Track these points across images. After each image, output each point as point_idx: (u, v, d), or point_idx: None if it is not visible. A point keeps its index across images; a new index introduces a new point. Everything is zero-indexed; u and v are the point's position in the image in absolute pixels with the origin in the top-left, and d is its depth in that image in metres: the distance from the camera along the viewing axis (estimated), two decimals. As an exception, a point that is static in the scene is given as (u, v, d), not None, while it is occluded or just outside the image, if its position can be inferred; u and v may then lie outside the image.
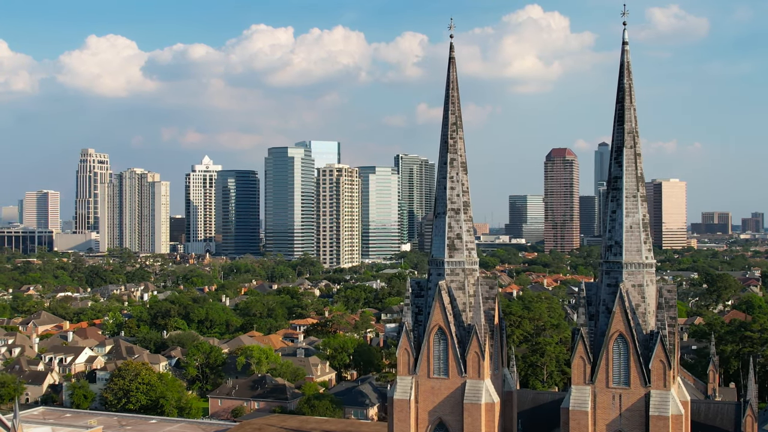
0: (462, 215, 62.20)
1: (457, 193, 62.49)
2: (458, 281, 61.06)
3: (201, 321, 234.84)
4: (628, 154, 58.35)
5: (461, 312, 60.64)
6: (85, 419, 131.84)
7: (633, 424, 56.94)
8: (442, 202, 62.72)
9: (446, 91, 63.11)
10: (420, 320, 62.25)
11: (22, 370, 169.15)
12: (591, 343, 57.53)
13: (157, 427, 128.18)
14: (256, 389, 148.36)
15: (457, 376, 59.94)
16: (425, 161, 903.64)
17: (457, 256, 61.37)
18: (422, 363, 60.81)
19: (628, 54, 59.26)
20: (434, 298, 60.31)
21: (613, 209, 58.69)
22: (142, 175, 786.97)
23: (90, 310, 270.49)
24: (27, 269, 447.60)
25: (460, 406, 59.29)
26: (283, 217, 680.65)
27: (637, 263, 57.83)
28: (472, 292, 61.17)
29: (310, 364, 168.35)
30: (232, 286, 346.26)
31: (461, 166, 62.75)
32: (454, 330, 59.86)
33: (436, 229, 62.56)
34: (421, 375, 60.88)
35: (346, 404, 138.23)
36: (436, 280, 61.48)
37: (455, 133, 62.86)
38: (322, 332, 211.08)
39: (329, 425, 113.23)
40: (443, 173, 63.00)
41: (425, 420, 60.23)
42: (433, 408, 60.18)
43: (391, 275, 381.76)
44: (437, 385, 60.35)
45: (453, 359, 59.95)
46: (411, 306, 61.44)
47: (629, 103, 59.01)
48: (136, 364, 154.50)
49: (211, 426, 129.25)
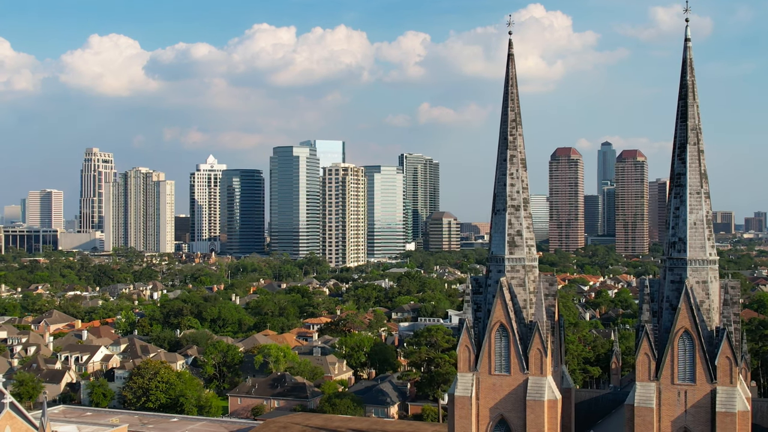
0: (522, 212, 62.25)
1: (517, 189, 62.55)
2: (519, 278, 61.17)
3: (214, 320, 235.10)
4: (691, 150, 58.38)
5: (522, 309, 60.74)
6: (106, 417, 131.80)
7: (698, 420, 56.87)
8: (501, 198, 62.68)
9: (505, 88, 63.13)
10: (479, 317, 62.34)
11: (39, 368, 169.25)
12: (655, 340, 57.58)
13: (178, 426, 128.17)
14: (275, 388, 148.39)
15: (519, 372, 60.07)
16: (429, 160, 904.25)
17: (517, 253, 61.44)
18: (483, 360, 60.89)
19: (690, 50, 59.21)
20: (495, 295, 60.40)
21: (676, 206, 58.67)
22: (147, 175, 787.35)
23: (101, 309, 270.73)
24: (34, 268, 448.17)
25: (522, 402, 59.44)
26: (288, 216, 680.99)
27: (701, 260, 57.78)
28: (532, 289, 61.26)
29: (328, 362, 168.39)
30: (241, 285, 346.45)
31: (521, 163, 62.83)
32: (515, 327, 59.94)
33: (496, 226, 62.54)
34: (482, 372, 60.96)
35: (366, 403, 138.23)
36: (496, 277, 61.55)
37: (515, 130, 62.95)
38: (336, 331, 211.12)
39: (353, 423, 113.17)
40: (503, 170, 62.93)
41: (486, 417, 60.31)
42: (494, 405, 60.27)
43: (400, 274, 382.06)
44: (498, 381, 60.48)
45: (515, 356, 60.04)
46: (471, 303, 61.45)
47: (692, 100, 59.02)
48: (155, 362, 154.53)
49: (234, 424, 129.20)
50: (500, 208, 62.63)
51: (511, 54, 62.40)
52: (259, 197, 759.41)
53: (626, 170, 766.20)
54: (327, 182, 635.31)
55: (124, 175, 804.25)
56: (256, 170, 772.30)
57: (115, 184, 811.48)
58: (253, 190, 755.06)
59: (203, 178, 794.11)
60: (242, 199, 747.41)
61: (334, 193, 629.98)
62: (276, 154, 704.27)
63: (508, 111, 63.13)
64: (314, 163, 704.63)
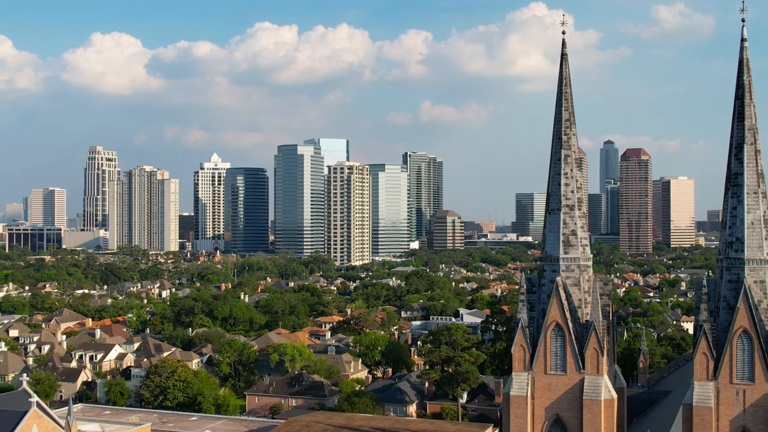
0: (576, 211, 62.31)
1: (571, 189, 62.65)
2: (573, 277, 61.29)
3: (225, 318, 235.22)
4: (748, 150, 58.47)
5: (577, 308, 60.86)
6: (125, 416, 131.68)
7: (757, 420, 56.94)
8: (556, 198, 62.83)
9: (559, 88, 63.24)
10: (532, 317, 62.49)
11: (55, 367, 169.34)
12: (712, 339, 57.68)
13: (198, 424, 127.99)
14: (293, 386, 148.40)
15: (575, 372, 60.18)
16: (433, 159, 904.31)
17: (572, 253, 61.58)
18: (539, 359, 61.04)
19: (747, 50, 59.30)
20: (551, 295, 60.56)
21: (733, 206, 58.75)
22: (151, 173, 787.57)
23: (111, 308, 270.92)
24: (41, 267, 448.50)
25: (578, 402, 59.54)
26: (293, 214, 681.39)
27: (759, 259, 57.92)
28: (587, 289, 61.37)
29: (343, 361, 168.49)
30: (249, 283, 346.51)
31: (575, 163, 62.95)
32: (571, 326, 60.03)
33: (550, 225, 62.72)
34: (538, 371, 61.09)
35: (385, 401, 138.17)
36: (551, 277, 61.74)
37: (569, 130, 63.10)
38: (348, 329, 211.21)
39: (375, 422, 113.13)
40: (557, 169, 63.14)
41: (541, 416, 60.48)
42: (549, 404, 60.42)
43: (408, 273, 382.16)
44: (554, 381, 60.62)
45: (571, 355, 60.16)
46: (525, 303, 61.61)
47: (749, 100, 59.07)
48: (172, 361, 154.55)
49: (253, 423, 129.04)
50: (554, 207, 62.79)
51: (564, 54, 62.46)
52: (263, 195, 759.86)
53: (630, 169, 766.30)
54: (332, 181, 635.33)
55: (129, 173, 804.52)
56: (260, 168, 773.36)
57: (120, 182, 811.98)
58: (257, 189, 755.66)
59: (207, 177, 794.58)
60: (246, 197, 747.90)
61: (339, 192, 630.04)
62: (280, 153, 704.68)
63: (562, 110, 63.29)
64: (318, 162, 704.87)
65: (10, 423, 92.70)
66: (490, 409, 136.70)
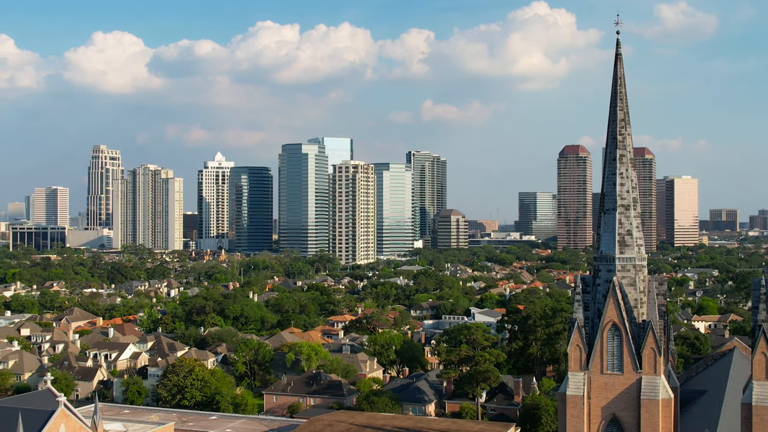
0: (632, 211, 62.44)
1: (626, 189, 62.72)
2: (629, 277, 61.40)
3: (236, 317, 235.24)
4: None
5: (632, 308, 60.96)
6: (145, 415, 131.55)
7: None
8: (611, 198, 62.83)
9: (613, 87, 63.25)
10: (586, 316, 62.54)
11: (71, 366, 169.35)
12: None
13: (218, 423, 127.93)
14: (311, 385, 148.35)
15: (632, 372, 60.34)
16: (437, 158, 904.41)
17: (627, 252, 61.69)
18: (595, 359, 61.14)
19: None
20: (608, 294, 60.61)
21: None
22: (156, 172, 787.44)
23: (122, 307, 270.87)
24: (47, 265, 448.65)
25: (635, 402, 59.73)
26: (297, 213, 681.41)
27: None
28: (642, 288, 61.47)
29: (359, 360, 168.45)
30: (257, 282, 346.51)
31: (630, 162, 62.94)
32: (627, 326, 60.13)
33: (605, 225, 62.72)
34: (594, 371, 61.20)
35: (403, 401, 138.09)
36: (606, 276, 61.79)
37: (624, 129, 63.08)
38: (361, 329, 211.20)
39: (398, 422, 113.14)
40: (612, 169, 63.11)
41: (598, 416, 60.61)
42: (606, 404, 60.56)
43: (416, 272, 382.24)
44: (611, 380, 60.74)
45: (628, 355, 60.30)
46: (581, 302, 61.67)
47: None
48: (189, 360, 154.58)
49: (273, 422, 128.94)
50: (610, 207, 62.78)
51: (618, 53, 62.43)
52: (267, 194, 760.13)
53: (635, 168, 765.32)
54: (337, 179, 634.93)
55: (133, 172, 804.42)
56: (264, 167, 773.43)
57: (124, 181, 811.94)
58: (261, 188, 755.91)
59: (211, 176, 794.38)
60: (250, 196, 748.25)
61: (345, 191, 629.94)
62: (285, 152, 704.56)
63: (617, 110, 63.33)
64: (323, 161, 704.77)
65: (38, 422, 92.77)
66: (509, 409, 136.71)
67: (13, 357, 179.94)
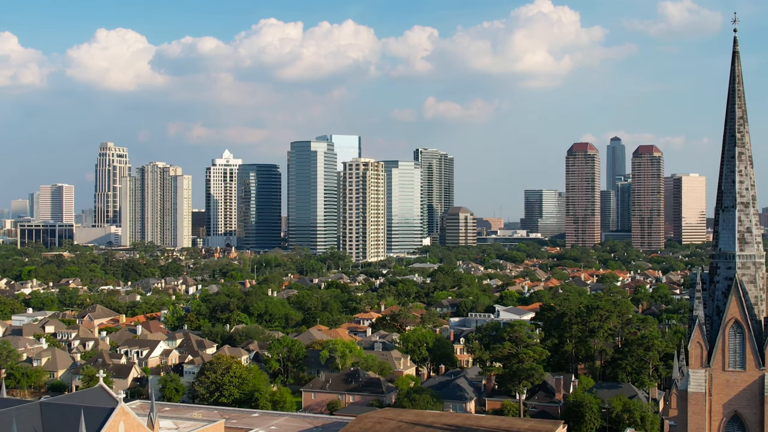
0: (751, 209, 62.85)
1: (746, 186, 63.06)
2: (749, 275, 61.74)
3: (260, 315, 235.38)
4: None
5: (753, 305, 61.35)
6: (186, 412, 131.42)
7: None
8: (730, 195, 63.14)
9: (731, 85, 63.54)
10: (705, 314, 62.77)
11: (105, 363, 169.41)
12: None
13: (261, 421, 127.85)
14: (350, 383, 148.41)
15: (754, 369, 60.80)
16: (444, 155, 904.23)
17: (747, 250, 62.05)
18: (716, 356, 61.59)
19: None
20: (730, 292, 60.94)
21: None
22: (164, 169, 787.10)
23: (143, 304, 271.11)
24: (60, 263, 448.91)
25: (757, 398, 60.18)
26: (306, 210, 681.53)
27: None
28: (761, 286, 61.93)
29: (393, 358, 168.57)
30: (274, 279, 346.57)
31: (749, 160, 63.13)
32: (750, 323, 60.48)
33: (724, 223, 63.06)
34: (715, 368, 61.65)
35: (444, 398, 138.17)
36: (725, 274, 62.12)
37: (742, 127, 63.43)
38: (388, 326, 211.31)
39: (446, 419, 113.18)
40: (731, 167, 63.46)
41: (719, 413, 61.07)
42: (727, 401, 61.06)
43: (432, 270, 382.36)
44: (732, 378, 61.20)
45: (750, 352, 60.75)
46: (701, 300, 61.88)
47: None
48: (225, 357, 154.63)
49: (317, 419, 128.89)
50: (729, 205, 63.08)
51: (736, 51, 62.53)
52: (276, 192, 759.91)
53: (642, 165, 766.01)
54: (348, 177, 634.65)
55: (141, 169, 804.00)
56: (272, 165, 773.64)
57: (132, 178, 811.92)
58: (269, 185, 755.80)
59: (219, 173, 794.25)
60: (258, 193, 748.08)
61: (355, 188, 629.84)
62: (293, 149, 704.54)
63: (735, 108, 63.60)
64: (332, 158, 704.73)
65: (98, 420, 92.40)
66: (551, 406, 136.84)
67: (45, 354, 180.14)
